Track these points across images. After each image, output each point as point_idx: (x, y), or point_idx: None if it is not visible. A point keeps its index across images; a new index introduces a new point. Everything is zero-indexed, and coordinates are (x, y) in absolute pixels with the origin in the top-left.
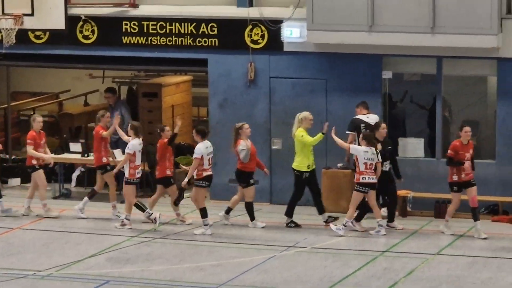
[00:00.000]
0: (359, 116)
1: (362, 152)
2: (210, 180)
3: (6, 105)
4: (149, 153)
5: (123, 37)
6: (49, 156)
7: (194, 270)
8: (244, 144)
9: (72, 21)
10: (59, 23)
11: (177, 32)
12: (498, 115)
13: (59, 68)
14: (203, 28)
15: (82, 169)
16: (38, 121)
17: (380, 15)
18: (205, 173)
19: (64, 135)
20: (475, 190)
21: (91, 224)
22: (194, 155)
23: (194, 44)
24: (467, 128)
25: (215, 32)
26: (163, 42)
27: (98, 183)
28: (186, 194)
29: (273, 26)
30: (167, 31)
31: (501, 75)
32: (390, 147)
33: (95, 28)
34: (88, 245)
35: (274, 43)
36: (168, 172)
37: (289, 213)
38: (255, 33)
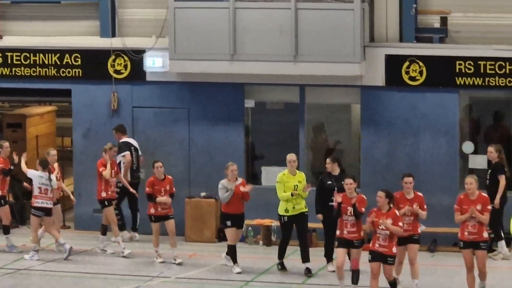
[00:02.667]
0: (128, 140)
1: (37, 177)
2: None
3: None
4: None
5: None
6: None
7: None
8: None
9: None
10: None
11: (41, 62)
12: (362, 143)
13: None
14: (67, 58)
15: None
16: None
17: (242, 44)
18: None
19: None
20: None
21: None
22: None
23: (58, 74)
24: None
25: (79, 62)
26: (27, 72)
27: None
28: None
29: (136, 56)
30: (31, 62)
31: (364, 103)
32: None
33: None
34: None
35: (137, 73)
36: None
37: (278, 256)
38: (118, 63)
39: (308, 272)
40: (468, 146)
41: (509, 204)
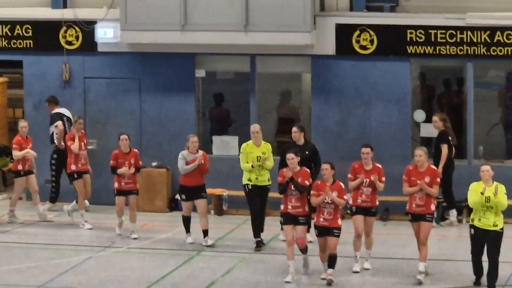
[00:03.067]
0: (60, 110)
1: None
2: None
3: None
4: None
5: None
6: (34, 153)
7: (11, 273)
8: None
9: None
10: None
11: None
12: (313, 112)
13: None
14: (18, 30)
15: None
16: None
17: (192, 14)
18: None
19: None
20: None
21: None
22: None
23: (9, 46)
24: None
25: (30, 33)
26: None
27: None
28: None
29: (87, 27)
30: None
31: (315, 72)
32: None
33: None
34: None
35: (89, 44)
36: None
37: (253, 234)
38: (69, 34)
39: (259, 245)
40: (419, 115)
41: (460, 173)
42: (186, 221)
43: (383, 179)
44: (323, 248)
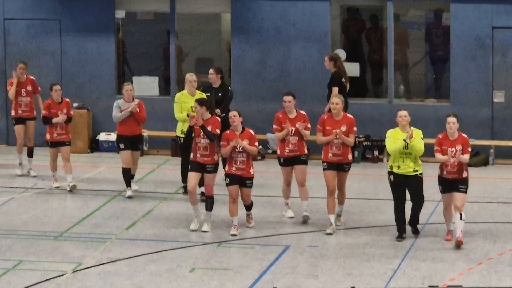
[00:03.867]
0: None
1: None
2: None
3: None
4: None
5: None
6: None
7: None
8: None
9: None
10: None
11: None
12: (233, 52)
13: None
14: None
15: None
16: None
17: None
18: None
19: None
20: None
21: None
22: None
23: None
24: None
25: None
26: None
27: None
28: None
29: None
30: None
31: (235, 12)
32: None
33: None
34: None
35: None
36: None
37: (182, 179)
38: None
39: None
40: (340, 53)
41: (382, 112)
42: (126, 174)
43: (309, 126)
44: (234, 197)
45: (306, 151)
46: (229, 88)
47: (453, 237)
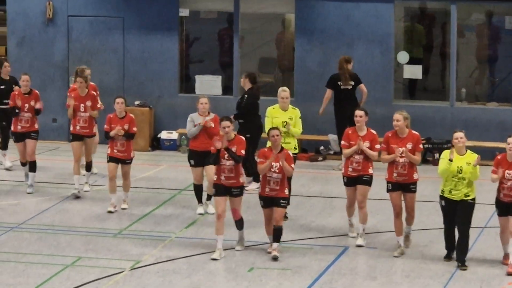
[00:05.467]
0: None
1: None
2: None
3: None
4: None
5: None
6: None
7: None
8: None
9: None
10: None
11: None
12: (296, 53)
13: None
14: None
15: None
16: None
17: None
18: None
19: None
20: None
21: None
22: None
23: None
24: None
25: None
26: None
27: None
28: None
29: None
30: None
31: (298, 13)
32: None
33: None
34: None
35: None
36: None
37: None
38: None
39: None
40: (403, 56)
41: (443, 115)
42: (197, 190)
43: (377, 146)
44: (268, 219)
45: (371, 171)
46: (245, 96)
47: (509, 262)
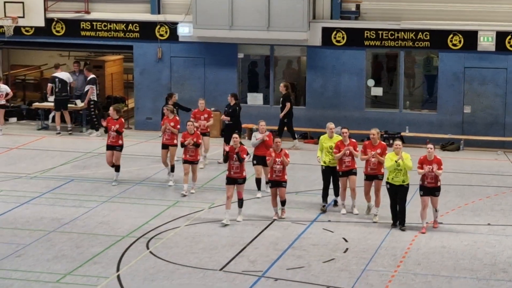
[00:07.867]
0: (56, 74)
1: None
2: None
3: (7, 73)
4: None
5: (81, 31)
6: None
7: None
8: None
9: (48, 21)
10: (40, 22)
11: (114, 28)
12: (307, 79)
13: (40, 50)
14: (130, 26)
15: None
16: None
17: (236, 19)
18: None
19: (44, 91)
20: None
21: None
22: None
23: (125, 36)
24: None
25: (137, 29)
26: (106, 34)
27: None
28: None
29: (173, 26)
30: (109, 28)
31: (309, 56)
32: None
33: (63, 26)
34: (60, 158)
35: (173, 36)
36: None
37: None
38: (162, 30)
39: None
40: (370, 82)
41: (393, 118)
42: (258, 182)
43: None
44: (275, 196)
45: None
46: (236, 105)
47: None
